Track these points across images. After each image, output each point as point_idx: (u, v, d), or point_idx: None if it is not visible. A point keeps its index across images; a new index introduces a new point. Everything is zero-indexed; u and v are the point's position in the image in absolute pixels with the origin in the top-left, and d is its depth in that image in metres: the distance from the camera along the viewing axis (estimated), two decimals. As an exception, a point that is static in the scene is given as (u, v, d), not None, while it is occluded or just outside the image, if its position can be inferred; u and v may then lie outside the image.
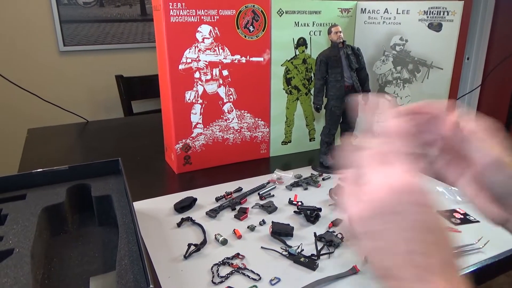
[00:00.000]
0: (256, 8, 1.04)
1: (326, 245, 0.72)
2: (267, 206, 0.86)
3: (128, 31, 2.39)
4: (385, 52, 1.18)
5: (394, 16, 1.14)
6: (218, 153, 1.10)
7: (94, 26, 2.31)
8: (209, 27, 0.99)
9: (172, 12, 0.94)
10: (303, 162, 1.15)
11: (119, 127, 1.56)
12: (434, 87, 1.15)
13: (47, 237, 0.68)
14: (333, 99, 1.03)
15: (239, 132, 1.12)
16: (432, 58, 1.13)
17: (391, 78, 1.19)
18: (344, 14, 1.16)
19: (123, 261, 0.54)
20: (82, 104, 2.41)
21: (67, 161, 1.16)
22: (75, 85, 2.38)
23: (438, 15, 1.10)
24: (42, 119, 2.02)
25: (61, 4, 2.19)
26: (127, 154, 1.22)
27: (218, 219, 0.83)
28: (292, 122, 1.19)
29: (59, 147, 1.32)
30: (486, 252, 0.71)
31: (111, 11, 2.32)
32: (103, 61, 2.40)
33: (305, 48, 1.14)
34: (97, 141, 1.38)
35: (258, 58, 1.08)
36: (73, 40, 2.28)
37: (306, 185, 0.98)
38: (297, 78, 1.15)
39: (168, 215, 0.84)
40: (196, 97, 1.03)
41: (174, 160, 1.06)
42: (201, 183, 1.00)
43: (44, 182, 0.76)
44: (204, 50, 1.00)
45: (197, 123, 1.05)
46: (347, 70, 1.01)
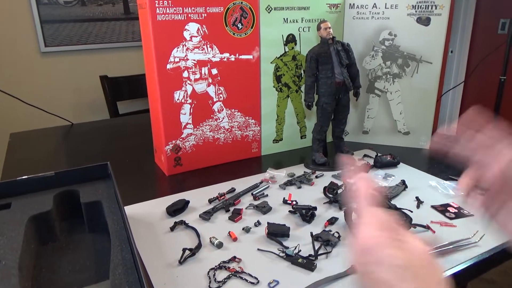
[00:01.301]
0: (244, 5, 1.02)
1: (323, 244, 0.71)
2: (262, 207, 0.84)
3: (111, 30, 2.34)
4: (374, 47, 1.17)
5: (383, 11, 1.14)
6: (209, 154, 1.08)
7: (76, 25, 2.25)
8: (197, 25, 0.97)
9: (159, 10, 0.91)
10: (295, 160, 1.14)
11: (105, 129, 1.52)
12: (424, 82, 1.15)
13: (35, 246, 0.65)
14: (324, 96, 1.02)
15: (230, 131, 1.10)
16: (421, 53, 1.13)
17: (380, 73, 1.19)
18: (333, 9, 1.15)
19: (117, 271, 0.52)
20: (66, 106, 2.35)
21: (53, 166, 1.12)
22: (58, 87, 2.31)
23: (426, 9, 1.10)
24: (25, 123, 1.96)
25: (41, 4, 2.13)
26: (115, 157, 1.19)
27: (212, 221, 0.81)
28: (283, 120, 1.18)
29: (43, 151, 1.28)
30: (482, 246, 0.71)
31: (93, 10, 2.27)
32: (87, 62, 2.34)
33: (295, 44, 1.12)
34: (83, 144, 1.34)
35: (248, 56, 1.06)
36: (54, 41, 2.22)
37: (300, 183, 0.97)
38: (287, 75, 1.14)
39: (160, 219, 0.82)
40: (185, 97, 1.01)
41: (164, 162, 1.04)
42: (192, 185, 0.98)
43: (30, 189, 0.73)
44: (192, 49, 0.98)
45: (186, 123, 1.03)
46: (338, 66, 1.01)
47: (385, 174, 1.01)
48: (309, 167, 1.07)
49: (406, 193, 0.92)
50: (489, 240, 0.72)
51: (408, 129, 1.21)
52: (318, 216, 0.82)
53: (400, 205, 0.83)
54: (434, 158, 1.13)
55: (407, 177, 0.98)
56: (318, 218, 0.81)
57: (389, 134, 1.24)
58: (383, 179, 0.99)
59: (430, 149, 0.40)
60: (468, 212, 0.82)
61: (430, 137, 1.19)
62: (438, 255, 0.68)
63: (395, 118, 1.21)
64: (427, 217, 0.81)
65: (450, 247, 0.70)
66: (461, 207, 0.84)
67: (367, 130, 1.26)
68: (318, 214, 0.82)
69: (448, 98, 3.11)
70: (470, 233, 0.74)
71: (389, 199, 0.86)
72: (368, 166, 1.06)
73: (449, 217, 0.81)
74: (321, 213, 0.83)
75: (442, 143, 0.48)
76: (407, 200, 0.89)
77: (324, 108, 1.03)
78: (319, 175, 1.02)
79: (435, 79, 1.14)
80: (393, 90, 1.19)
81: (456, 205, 0.85)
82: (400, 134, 1.22)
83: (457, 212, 0.82)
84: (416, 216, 0.80)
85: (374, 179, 0.98)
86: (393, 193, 0.90)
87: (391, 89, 1.19)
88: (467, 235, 0.73)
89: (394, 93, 1.19)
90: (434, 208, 0.85)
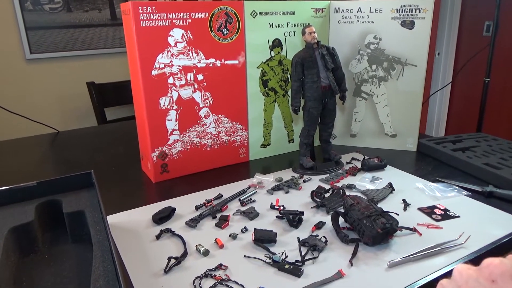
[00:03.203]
0: (229, 10, 1.02)
1: (310, 249, 0.71)
2: (249, 212, 0.84)
3: (98, 36, 2.32)
4: (360, 51, 1.18)
5: (368, 15, 1.15)
6: (196, 160, 1.08)
7: (62, 32, 2.23)
8: (182, 30, 0.97)
9: (142, 16, 0.91)
10: (283, 164, 1.13)
11: (92, 137, 1.50)
12: (409, 84, 1.16)
13: (15, 259, 0.64)
14: (310, 100, 1.02)
15: (217, 137, 1.09)
16: (406, 56, 1.14)
17: (366, 76, 1.20)
18: (318, 14, 1.15)
19: (98, 283, 0.51)
20: (52, 113, 2.32)
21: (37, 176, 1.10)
22: (44, 94, 2.28)
23: (410, 13, 1.11)
24: (10, 132, 1.93)
25: (25, 10, 2.11)
26: (102, 164, 1.18)
27: (199, 228, 0.80)
28: (271, 124, 1.17)
29: (28, 160, 1.26)
30: (468, 248, 0.71)
31: (79, 16, 2.25)
32: (73, 68, 2.32)
33: (281, 49, 1.12)
34: (69, 152, 1.32)
35: (233, 61, 1.06)
36: (40, 47, 2.19)
37: (288, 188, 0.96)
38: (274, 80, 1.14)
39: (146, 227, 0.81)
40: (171, 103, 1.00)
41: (150, 169, 1.03)
42: (179, 192, 0.97)
43: (11, 200, 0.72)
44: (177, 55, 0.97)
45: (173, 129, 1.02)
46: (323, 70, 1.01)
47: (373, 177, 1.01)
48: (296, 172, 1.06)
49: (393, 196, 0.92)
50: (475, 241, 0.72)
51: (395, 132, 1.22)
52: (305, 220, 0.82)
53: (387, 208, 0.83)
54: (420, 160, 1.14)
55: (394, 179, 0.98)
56: (305, 222, 0.81)
57: (376, 137, 1.24)
58: (371, 182, 0.99)
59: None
60: (454, 213, 0.83)
61: (417, 139, 1.20)
62: (424, 258, 0.68)
63: (382, 121, 1.22)
64: (414, 219, 0.81)
65: (436, 249, 0.70)
66: (447, 209, 0.85)
67: (354, 133, 1.26)
68: (306, 218, 0.82)
69: (436, 99, 3.14)
70: (456, 234, 0.74)
71: (376, 202, 0.86)
72: (356, 169, 1.06)
73: (435, 219, 0.81)
74: (309, 218, 0.83)
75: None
76: (394, 202, 0.89)
77: (311, 112, 1.03)
78: (307, 180, 1.02)
79: (420, 82, 1.15)
80: (379, 93, 1.20)
81: (442, 207, 0.86)
82: (387, 136, 1.23)
83: (443, 214, 0.83)
84: (403, 218, 0.80)
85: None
86: (380, 196, 0.90)
87: (377, 92, 1.20)
88: (453, 236, 0.74)
89: (381, 96, 1.20)
90: (421, 210, 0.85)
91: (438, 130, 3.23)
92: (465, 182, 0.96)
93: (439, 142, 1.18)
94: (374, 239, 0.70)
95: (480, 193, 0.91)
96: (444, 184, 0.96)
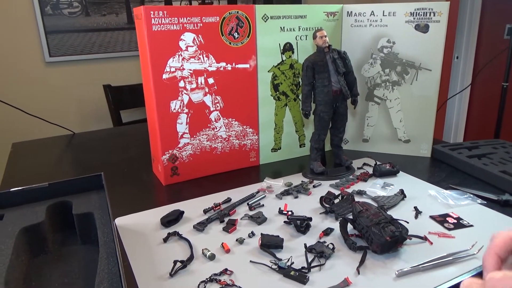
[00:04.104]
0: (240, 14, 1.02)
1: (316, 256, 0.70)
2: (257, 217, 0.83)
3: (115, 40, 2.37)
4: (372, 55, 1.17)
5: (381, 19, 1.13)
6: (206, 163, 1.08)
7: (80, 35, 2.28)
8: (193, 35, 0.97)
9: (154, 21, 0.92)
10: (293, 169, 1.13)
11: (106, 138, 1.53)
12: (423, 89, 1.14)
13: (25, 259, 0.65)
14: (321, 105, 1.02)
15: (227, 140, 1.10)
16: (420, 60, 1.12)
17: (379, 81, 1.18)
18: (330, 17, 1.14)
19: (102, 285, 0.52)
20: (69, 115, 2.38)
21: (52, 176, 1.13)
22: (62, 96, 2.34)
23: (424, 16, 1.09)
24: (27, 133, 1.97)
25: (45, 15, 2.16)
26: (114, 166, 1.20)
27: (206, 232, 0.80)
28: (281, 128, 1.17)
29: (44, 161, 1.29)
30: (480, 258, 0.69)
31: (97, 20, 2.30)
32: (91, 71, 2.37)
33: (292, 53, 1.12)
34: (83, 154, 1.35)
35: (244, 65, 1.06)
36: (59, 51, 2.25)
37: (297, 193, 0.96)
38: (285, 84, 1.13)
39: (154, 230, 0.81)
40: (182, 106, 1.01)
41: (161, 171, 1.04)
42: (189, 195, 0.97)
43: (23, 200, 0.73)
44: (188, 59, 0.98)
45: (183, 133, 1.03)
46: (334, 74, 1.00)
47: (384, 183, 1.00)
48: (307, 176, 1.06)
49: (404, 203, 0.90)
50: (488, 252, 0.70)
51: (408, 137, 1.19)
52: (313, 226, 0.81)
53: (398, 215, 0.82)
54: (434, 167, 1.12)
55: (406, 186, 0.96)
56: (313, 228, 0.80)
57: (389, 142, 1.22)
58: (382, 189, 0.97)
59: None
60: (467, 222, 0.81)
61: (431, 145, 1.18)
62: (434, 268, 0.67)
63: (395, 126, 1.20)
64: (425, 227, 0.79)
65: (447, 259, 0.68)
66: (460, 218, 0.82)
67: (367, 138, 1.24)
68: (314, 224, 0.81)
69: (454, 103, 3.07)
70: (469, 244, 0.72)
71: (386, 209, 0.85)
72: (367, 175, 1.04)
73: (447, 227, 0.79)
74: (317, 224, 0.82)
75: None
76: (405, 210, 0.87)
77: (322, 117, 1.03)
78: (317, 185, 1.01)
79: (435, 86, 1.12)
80: (392, 98, 1.18)
81: (455, 215, 0.83)
82: (401, 142, 1.21)
83: (456, 223, 0.81)
84: (414, 226, 0.78)
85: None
86: (391, 203, 0.89)
87: (391, 97, 1.18)
88: (465, 246, 0.72)
89: (394, 100, 1.18)
90: (433, 218, 0.83)
91: (457, 136, 3.15)
92: (480, 190, 0.94)
93: (454, 148, 1.16)
94: (382, 247, 0.69)
95: (495, 202, 0.89)
96: (458, 192, 0.93)
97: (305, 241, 0.75)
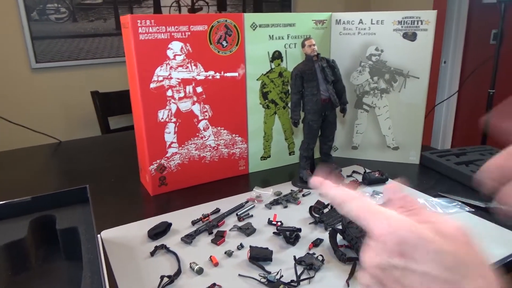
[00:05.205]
0: (229, 23, 1.01)
1: (306, 269, 0.69)
2: (245, 228, 0.82)
3: (103, 46, 2.34)
4: (361, 63, 1.17)
5: (369, 27, 1.13)
6: (195, 172, 1.07)
7: (68, 41, 2.25)
8: (181, 43, 0.96)
9: (141, 30, 0.91)
10: (283, 177, 1.12)
11: (93, 147, 1.50)
12: (411, 97, 1.14)
13: (7, 276, 0.63)
14: (310, 113, 1.01)
15: (216, 149, 1.09)
16: (408, 68, 1.13)
17: (368, 88, 1.18)
18: (319, 25, 1.14)
19: (86, 305, 0.50)
20: (56, 122, 2.34)
21: (35, 188, 1.10)
22: (48, 103, 2.30)
23: (412, 24, 1.10)
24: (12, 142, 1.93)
25: (32, 20, 2.13)
26: (101, 176, 1.18)
27: (194, 244, 0.79)
28: (271, 136, 1.16)
29: (27, 172, 1.26)
30: (469, 268, 0.69)
31: (84, 26, 2.27)
32: (78, 77, 2.34)
33: (281, 61, 1.12)
34: (69, 164, 1.32)
35: (233, 73, 1.05)
36: (45, 57, 2.21)
37: (286, 202, 0.95)
38: (274, 92, 1.13)
39: (141, 243, 0.80)
40: (170, 115, 0.99)
41: (148, 181, 1.02)
42: (177, 205, 0.96)
43: (5, 215, 0.71)
44: (176, 67, 0.97)
45: (171, 142, 1.02)
46: (323, 83, 1.00)
47: (373, 191, 1.00)
48: (296, 185, 1.05)
49: (393, 212, 0.90)
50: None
51: (397, 144, 1.20)
52: (303, 237, 0.80)
53: (387, 225, 0.81)
54: (423, 174, 1.12)
55: (395, 194, 0.96)
56: (303, 239, 0.80)
57: (378, 150, 1.22)
58: (371, 197, 0.97)
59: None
60: (456, 231, 0.81)
61: (420, 152, 1.18)
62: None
63: (384, 133, 1.20)
64: (414, 237, 0.79)
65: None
66: (449, 227, 0.82)
67: (356, 146, 1.25)
68: (303, 235, 0.80)
69: (442, 109, 3.11)
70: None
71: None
72: (357, 183, 1.04)
73: (436, 237, 0.79)
74: (306, 234, 0.81)
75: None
76: (395, 219, 0.87)
77: (311, 125, 1.02)
78: (306, 193, 1.00)
79: (423, 94, 1.13)
80: (381, 105, 1.18)
81: (444, 224, 0.83)
82: (389, 149, 1.21)
83: (445, 232, 0.81)
84: (403, 236, 0.78)
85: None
86: (380, 212, 0.88)
87: (379, 104, 1.18)
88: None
89: (382, 108, 1.18)
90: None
91: (444, 141, 3.19)
92: (469, 197, 0.94)
93: (442, 155, 1.16)
94: (372, 258, 0.68)
95: (483, 210, 0.89)
96: (446, 200, 0.94)
97: (294, 252, 0.74)
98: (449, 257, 0.30)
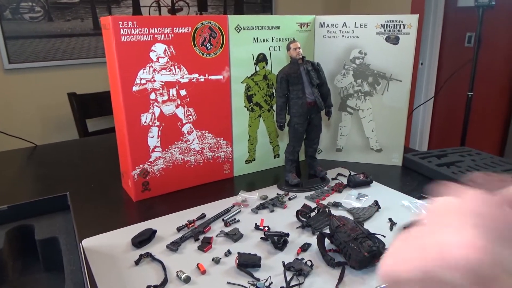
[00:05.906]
0: (213, 25, 1.00)
1: (295, 275, 0.69)
2: (233, 234, 0.81)
3: (80, 46, 2.28)
4: (345, 66, 1.18)
5: (353, 30, 1.14)
6: (179, 177, 1.05)
7: (43, 41, 2.17)
8: (164, 45, 0.94)
9: (123, 31, 0.88)
10: (268, 180, 1.11)
11: (71, 151, 1.46)
12: (394, 99, 1.16)
13: (-18, 291, 0.60)
14: (295, 116, 1.01)
15: (201, 153, 1.07)
16: (391, 71, 1.14)
17: (352, 91, 1.19)
18: (303, 28, 1.14)
19: (69, 321, 0.48)
20: (32, 126, 2.25)
21: (11, 196, 1.06)
22: (23, 106, 2.22)
23: (394, 28, 1.11)
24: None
25: (4, 19, 2.05)
26: (81, 181, 1.14)
27: (180, 252, 0.77)
28: (256, 139, 1.15)
29: (2, 178, 1.20)
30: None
31: (60, 25, 2.20)
32: (54, 79, 2.26)
33: (266, 64, 1.11)
34: (47, 169, 1.27)
35: (217, 76, 1.04)
36: (19, 57, 2.13)
37: (272, 206, 0.94)
38: (259, 95, 1.12)
39: (125, 251, 0.77)
40: (153, 119, 0.97)
41: (131, 187, 1.00)
42: (161, 211, 0.93)
43: (-21, 226, 0.68)
44: (159, 70, 0.95)
45: (155, 146, 0.99)
46: (308, 86, 1.00)
47: (359, 194, 1.00)
48: (282, 188, 1.04)
49: (379, 214, 0.91)
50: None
51: (380, 147, 1.21)
52: (291, 242, 0.79)
53: (374, 228, 0.82)
54: (406, 176, 1.14)
55: (380, 197, 0.97)
56: (290, 244, 0.79)
57: (362, 152, 1.23)
58: (357, 200, 0.97)
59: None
60: (440, 233, 0.82)
61: (402, 154, 1.20)
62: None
63: (368, 136, 1.21)
64: (401, 240, 0.79)
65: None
66: (434, 228, 0.84)
67: (340, 148, 1.25)
68: (291, 240, 0.80)
69: (419, 112, 3.18)
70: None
71: (362, 222, 0.85)
72: (342, 185, 1.04)
73: (422, 239, 0.80)
74: (294, 239, 0.81)
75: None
76: (380, 221, 0.87)
77: (296, 128, 1.02)
78: (292, 197, 1.00)
79: (405, 97, 1.15)
80: (364, 108, 1.19)
81: (429, 226, 0.85)
82: (373, 151, 1.22)
83: (430, 234, 0.82)
84: (390, 239, 0.79)
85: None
86: (366, 214, 0.89)
87: (363, 107, 1.19)
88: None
89: (366, 110, 1.19)
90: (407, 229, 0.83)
91: (422, 143, 3.26)
92: (451, 199, 0.96)
93: (424, 157, 1.18)
94: (360, 263, 0.68)
95: (465, 211, 0.91)
96: (430, 201, 0.95)
97: (283, 258, 0.74)
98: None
